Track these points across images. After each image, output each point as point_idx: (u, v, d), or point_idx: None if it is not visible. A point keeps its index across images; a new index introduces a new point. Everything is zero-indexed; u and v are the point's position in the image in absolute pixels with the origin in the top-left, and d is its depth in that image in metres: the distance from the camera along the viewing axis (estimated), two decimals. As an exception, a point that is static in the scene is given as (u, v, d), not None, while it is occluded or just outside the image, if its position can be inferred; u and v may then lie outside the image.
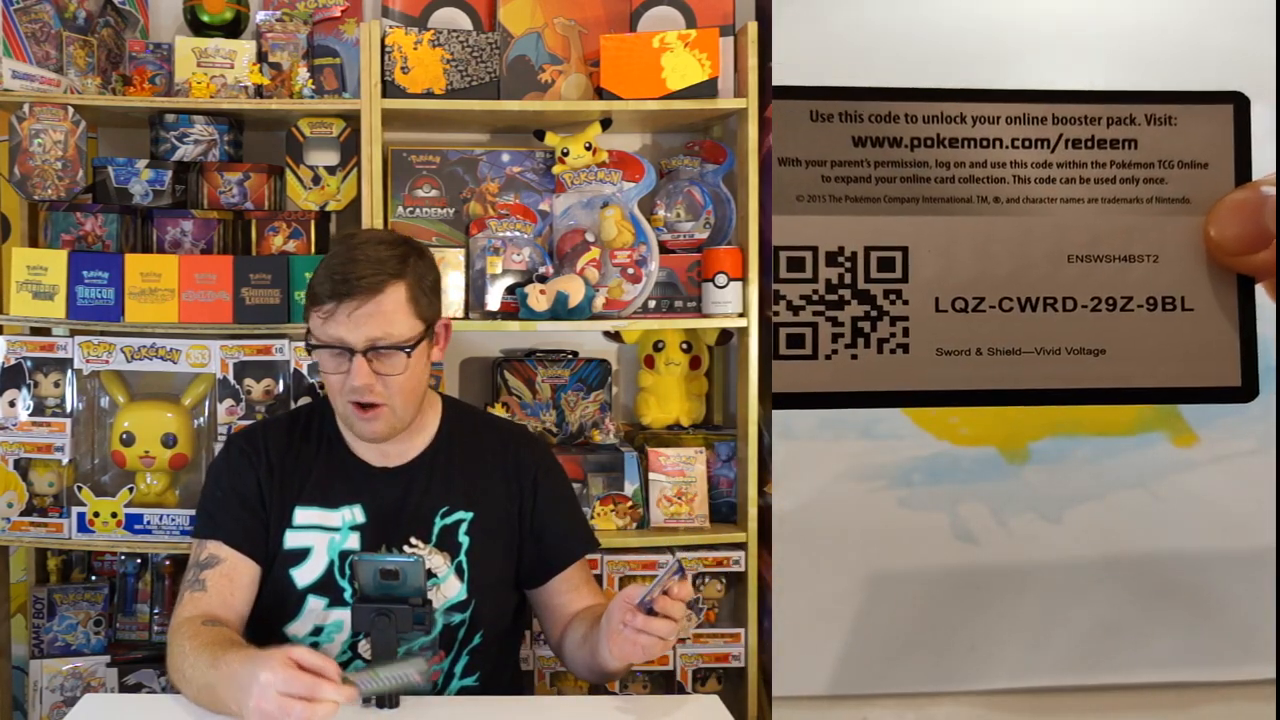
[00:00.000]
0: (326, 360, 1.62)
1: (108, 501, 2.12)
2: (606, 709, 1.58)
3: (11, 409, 2.13)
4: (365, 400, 1.61)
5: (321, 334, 1.61)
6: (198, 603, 1.61)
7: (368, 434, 1.65)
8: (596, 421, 2.38)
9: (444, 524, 1.69)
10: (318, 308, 1.60)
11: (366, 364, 1.58)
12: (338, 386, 1.62)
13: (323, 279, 1.60)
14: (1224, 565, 2.22)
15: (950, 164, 2.15)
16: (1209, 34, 2.17)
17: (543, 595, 1.75)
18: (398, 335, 1.60)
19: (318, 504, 1.69)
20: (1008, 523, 2.20)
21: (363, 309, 1.58)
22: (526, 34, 2.24)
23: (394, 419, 1.64)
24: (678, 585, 1.45)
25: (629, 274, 2.25)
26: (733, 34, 2.25)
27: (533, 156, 2.31)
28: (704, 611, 2.28)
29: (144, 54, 2.20)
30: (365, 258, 1.60)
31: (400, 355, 1.60)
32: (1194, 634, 2.22)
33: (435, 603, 1.64)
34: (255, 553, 1.66)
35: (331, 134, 2.20)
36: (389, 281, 1.59)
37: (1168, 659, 2.23)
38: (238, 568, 1.64)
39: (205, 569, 1.64)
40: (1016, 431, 2.19)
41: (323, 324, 1.60)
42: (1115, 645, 2.22)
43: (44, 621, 2.20)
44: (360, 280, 1.57)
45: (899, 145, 2.14)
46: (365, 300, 1.57)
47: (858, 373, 2.14)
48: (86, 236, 2.18)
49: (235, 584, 1.63)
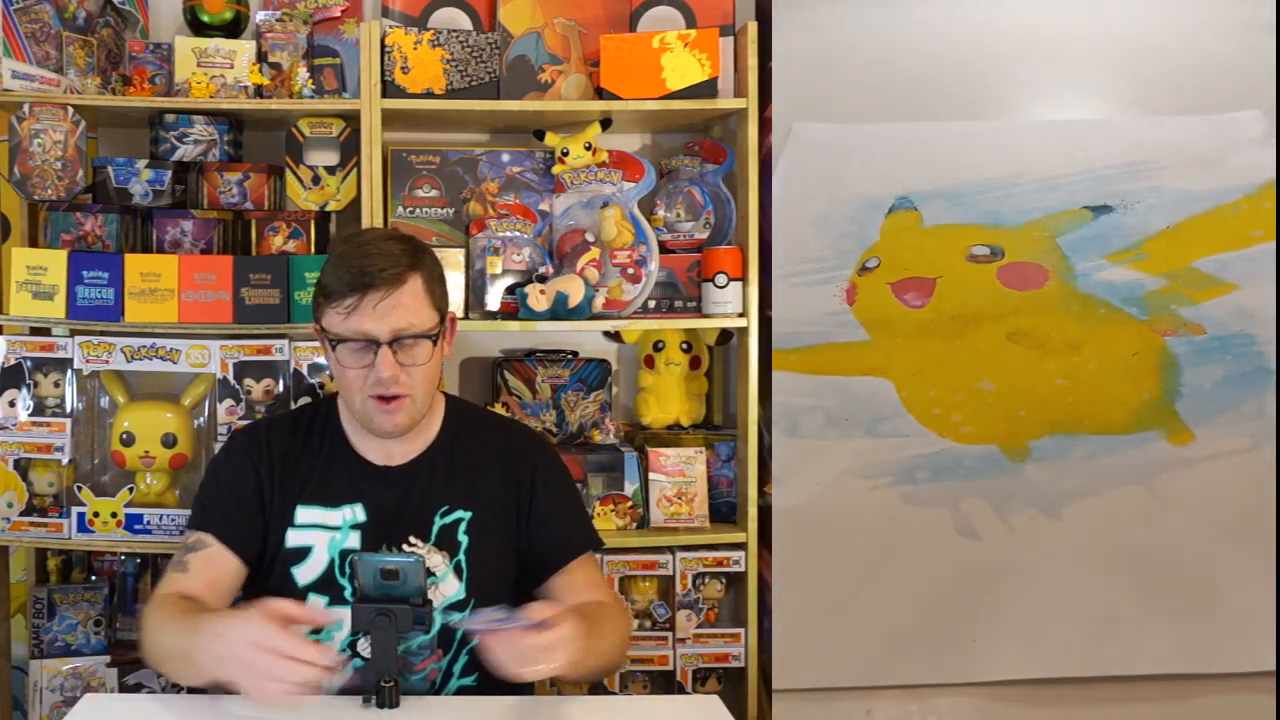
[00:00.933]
0: (347, 356, 1.62)
1: (108, 501, 2.12)
2: (606, 709, 1.58)
3: (11, 409, 2.12)
4: (390, 392, 1.61)
5: (343, 329, 1.60)
6: (177, 583, 1.62)
7: (389, 427, 1.64)
8: (596, 421, 2.38)
9: (443, 523, 1.69)
10: (336, 304, 1.60)
11: (391, 355, 1.59)
12: (358, 383, 1.62)
13: (338, 275, 1.61)
14: (1221, 560, 2.23)
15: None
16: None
17: (543, 594, 1.74)
18: (420, 325, 1.62)
19: (319, 503, 1.69)
20: (1009, 519, 2.21)
21: (386, 301, 1.59)
22: (526, 34, 2.24)
23: (415, 410, 1.65)
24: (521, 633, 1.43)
25: (629, 274, 2.25)
26: (733, 34, 2.25)
27: (533, 156, 2.31)
28: (704, 611, 2.28)
29: (144, 54, 2.20)
30: (379, 252, 1.61)
31: (425, 343, 1.62)
32: (1191, 627, 2.23)
33: (433, 602, 1.64)
34: (243, 550, 1.67)
35: (331, 134, 2.20)
36: (407, 273, 1.61)
37: (1166, 652, 2.24)
38: (220, 556, 1.65)
39: (190, 552, 1.66)
40: (1017, 430, 2.20)
41: (344, 319, 1.60)
42: (1114, 638, 2.23)
43: (44, 621, 2.20)
44: (381, 273, 1.59)
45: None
46: (388, 292, 1.59)
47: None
48: (86, 236, 2.18)
49: (216, 570, 1.64)
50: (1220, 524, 2.23)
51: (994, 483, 2.20)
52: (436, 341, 1.64)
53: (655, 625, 2.26)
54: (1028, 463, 2.21)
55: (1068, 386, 2.20)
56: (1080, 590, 2.23)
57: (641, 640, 2.24)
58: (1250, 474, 2.22)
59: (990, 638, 2.22)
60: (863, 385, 2.18)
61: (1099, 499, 2.22)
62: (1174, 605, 2.24)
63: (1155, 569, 2.23)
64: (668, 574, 2.24)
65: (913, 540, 2.20)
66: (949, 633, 2.22)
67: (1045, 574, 2.22)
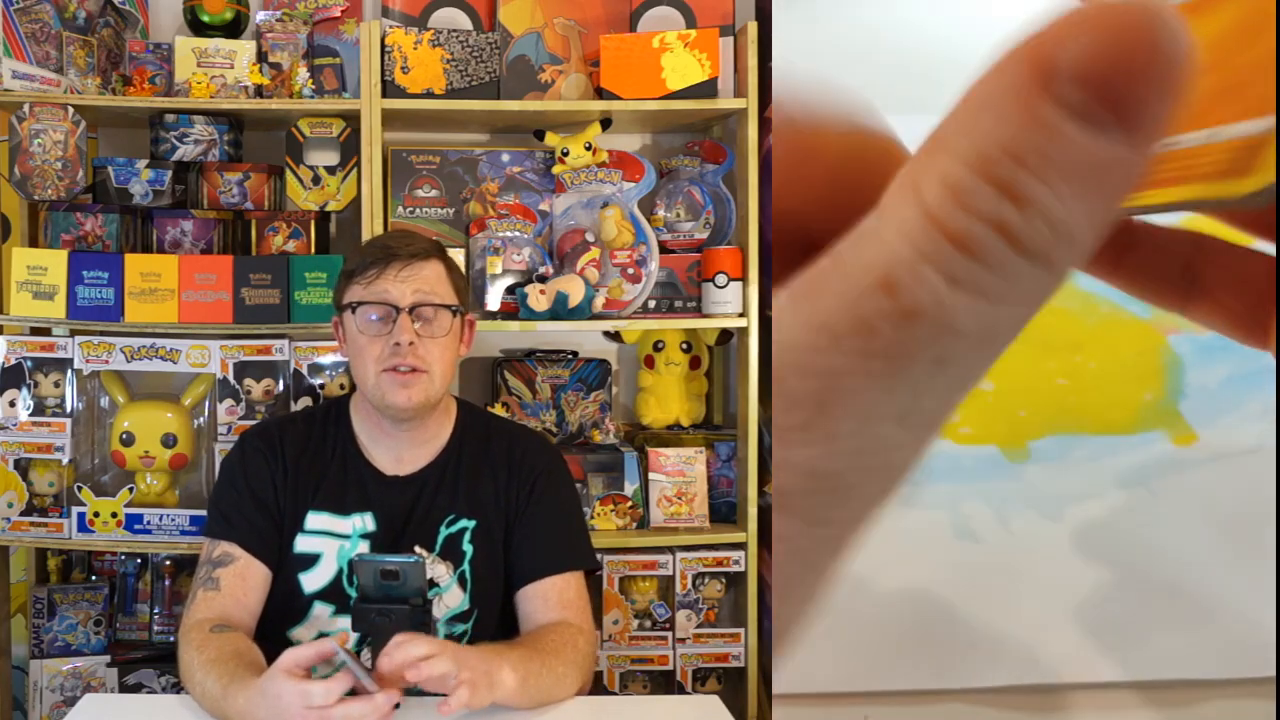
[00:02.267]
0: (366, 323, 1.62)
1: (108, 501, 2.11)
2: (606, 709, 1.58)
3: (11, 409, 2.12)
4: (406, 363, 1.60)
5: (365, 295, 1.62)
6: (211, 602, 1.59)
7: (402, 400, 1.61)
8: (596, 421, 2.38)
9: (448, 533, 1.67)
10: (359, 277, 1.63)
11: (410, 322, 1.60)
12: (375, 353, 1.61)
13: (364, 254, 1.67)
14: (1223, 562, 2.23)
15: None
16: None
17: (516, 601, 1.69)
18: (441, 297, 1.63)
19: (330, 510, 1.67)
20: (1008, 520, 2.21)
21: (408, 269, 1.62)
22: (526, 34, 2.24)
23: (430, 388, 1.63)
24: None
25: (629, 274, 2.25)
26: (733, 34, 2.25)
27: (533, 156, 2.31)
28: (704, 612, 2.28)
29: (144, 54, 2.20)
30: (404, 234, 1.70)
31: (445, 314, 1.63)
32: (1194, 631, 2.23)
33: (437, 613, 1.63)
34: (267, 557, 1.65)
35: (331, 134, 2.20)
36: (432, 255, 1.65)
37: (1168, 656, 2.23)
38: (250, 568, 1.63)
39: (219, 567, 1.62)
40: (1017, 430, 2.20)
41: (365, 288, 1.62)
42: (1115, 642, 2.23)
43: (44, 621, 2.20)
44: (406, 247, 1.64)
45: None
46: (410, 262, 1.62)
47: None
48: (86, 236, 2.18)
49: (248, 584, 1.62)
50: (1224, 527, 2.22)
51: (993, 484, 2.20)
52: (456, 314, 1.65)
53: (655, 625, 2.26)
54: (1028, 464, 2.20)
55: (1069, 386, 2.19)
56: (1081, 594, 2.22)
57: (641, 640, 2.24)
58: (1255, 475, 2.21)
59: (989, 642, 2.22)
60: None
61: (1100, 501, 2.21)
62: (1176, 610, 2.23)
63: (1157, 572, 2.23)
64: (668, 574, 2.24)
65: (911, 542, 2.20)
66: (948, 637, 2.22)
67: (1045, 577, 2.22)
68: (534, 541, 1.69)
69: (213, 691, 1.43)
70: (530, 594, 1.67)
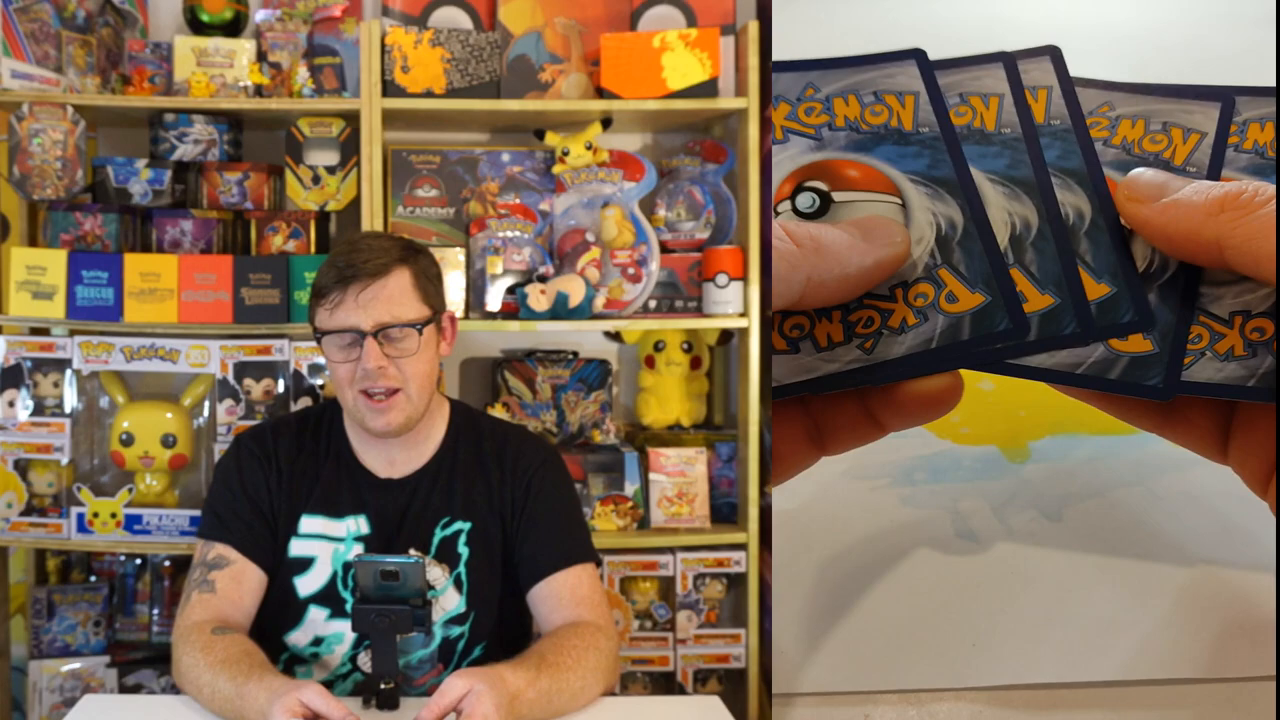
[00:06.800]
0: (335, 351, 1.59)
1: (107, 502, 2.11)
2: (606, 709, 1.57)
3: (11, 409, 2.12)
4: (378, 386, 1.58)
5: (329, 323, 1.59)
6: (207, 605, 1.58)
7: (380, 426, 1.60)
8: (597, 422, 2.38)
9: (444, 535, 1.66)
10: (324, 300, 1.59)
11: (377, 346, 1.57)
12: (347, 378, 1.59)
13: (325, 273, 1.60)
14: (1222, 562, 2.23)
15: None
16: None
17: (529, 603, 1.69)
18: (406, 316, 1.59)
19: (324, 513, 1.67)
20: (1009, 521, 2.21)
21: (368, 291, 1.57)
22: (526, 33, 2.24)
23: (410, 407, 1.61)
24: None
25: (629, 274, 2.25)
26: (733, 33, 2.25)
27: (533, 156, 2.31)
28: (705, 612, 2.28)
29: (143, 53, 2.20)
30: (366, 247, 1.60)
31: (412, 334, 1.59)
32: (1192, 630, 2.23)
33: (434, 615, 1.62)
34: (262, 560, 1.64)
35: (331, 134, 2.19)
36: (394, 266, 1.59)
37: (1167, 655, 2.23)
38: (245, 571, 1.62)
39: (214, 569, 1.62)
40: (1017, 430, 2.19)
41: (330, 314, 1.58)
42: (1115, 641, 2.23)
43: (43, 622, 2.20)
44: (365, 264, 1.57)
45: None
46: (370, 283, 1.57)
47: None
48: (86, 236, 2.17)
49: (243, 587, 1.61)
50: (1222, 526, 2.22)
51: (993, 484, 2.20)
52: (423, 331, 1.60)
53: (656, 626, 2.26)
54: (1028, 464, 2.20)
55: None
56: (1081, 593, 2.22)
57: (642, 641, 2.24)
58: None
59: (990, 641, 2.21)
60: (863, 385, 2.17)
61: (1100, 500, 2.21)
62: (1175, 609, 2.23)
63: (1157, 571, 2.23)
64: (668, 574, 2.24)
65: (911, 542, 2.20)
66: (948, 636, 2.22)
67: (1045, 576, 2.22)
68: (536, 539, 1.67)
69: (225, 691, 1.42)
70: (542, 594, 1.65)
